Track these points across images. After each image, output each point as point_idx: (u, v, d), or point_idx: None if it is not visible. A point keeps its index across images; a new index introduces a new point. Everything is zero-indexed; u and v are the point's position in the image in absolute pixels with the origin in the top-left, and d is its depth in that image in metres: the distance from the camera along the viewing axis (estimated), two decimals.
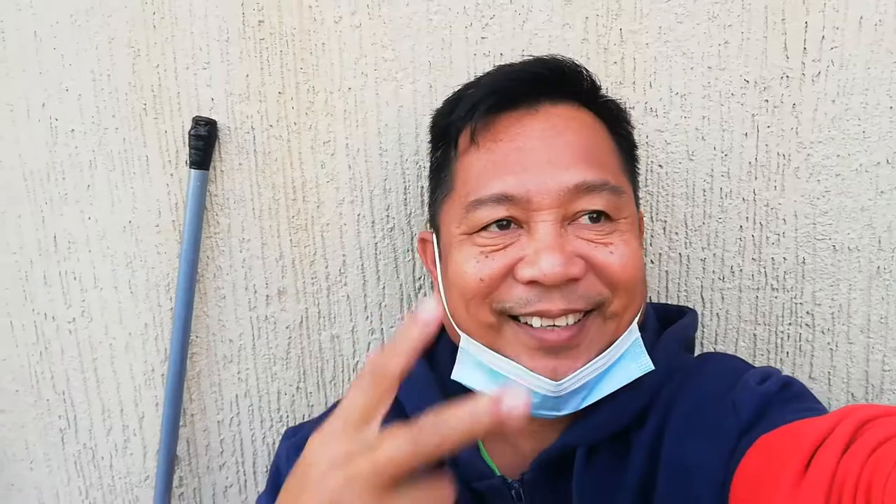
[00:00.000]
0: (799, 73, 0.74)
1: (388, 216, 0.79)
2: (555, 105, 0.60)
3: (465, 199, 0.58)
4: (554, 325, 0.56)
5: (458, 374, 0.60)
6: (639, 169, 0.67)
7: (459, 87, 0.64)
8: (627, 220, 0.58)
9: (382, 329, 0.81)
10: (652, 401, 0.59)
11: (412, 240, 0.79)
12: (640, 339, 0.59)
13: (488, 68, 0.74)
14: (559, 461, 0.59)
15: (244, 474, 0.83)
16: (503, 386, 0.56)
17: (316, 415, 0.81)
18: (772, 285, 0.78)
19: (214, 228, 0.79)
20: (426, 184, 0.76)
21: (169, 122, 0.77)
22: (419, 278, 0.80)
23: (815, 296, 0.78)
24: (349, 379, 0.82)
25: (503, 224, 0.57)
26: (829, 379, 0.80)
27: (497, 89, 0.58)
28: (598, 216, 0.57)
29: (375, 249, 0.79)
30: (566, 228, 0.56)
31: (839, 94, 0.74)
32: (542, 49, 0.74)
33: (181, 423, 0.80)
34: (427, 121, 0.76)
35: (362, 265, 0.80)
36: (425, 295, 0.80)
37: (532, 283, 0.55)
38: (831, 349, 0.79)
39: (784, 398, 0.55)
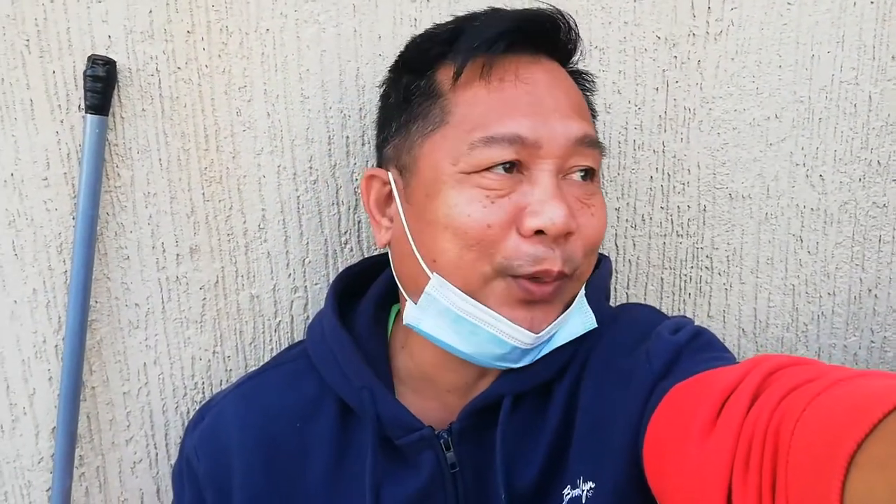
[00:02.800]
0: (704, 31, 0.79)
1: (311, 168, 0.75)
2: (550, 59, 0.60)
3: (469, 134, 0.55)
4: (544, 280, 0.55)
5: (415, 318, 0.59)
6: None
7: (452, 18, 0.61)
8: (598, 184, 0.61)
9: (306, 287, 0.78)
10: (574, 351, 0.61)
11: (337, 192, 0.76)
12: (585, 297, 0.61)
13: (413, 13, 0.73)
14: (485, 410, 0.60)
15: (155, 447, 0.77)
16: (467, 334, 0.57)
17: (234, 379, 0.77)
18: (677, 231, 0.84)
19: (115, 182, 0.71)
20: (372, 123, 0.74)
21: (58, 61, 0.68)
22: (345, 233, 0.77)
23: (714, 240, 0.85)
24: (270, 341, 0.78)
25: (507, 167, 0.55)
26: (724, 317, 0.88)
27: (513, 28, 0.56)
28: (586, 173, 0.58)
29: (298, 203, 0.76)
30: (560, 181, 0.56)
31: (737, 53, 0.80)
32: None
33: (81, 398, 0.72)
34: (352, 67, 0.73)
35: (283, 220, 0.76)
36: (351, 250, 0.78)
37: (536, 234, 0.54)
38: (726, 289, 0.87)
39: (694, 348, 0.57)
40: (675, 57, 0.79)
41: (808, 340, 0.90)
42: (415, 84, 0.60)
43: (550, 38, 0.59)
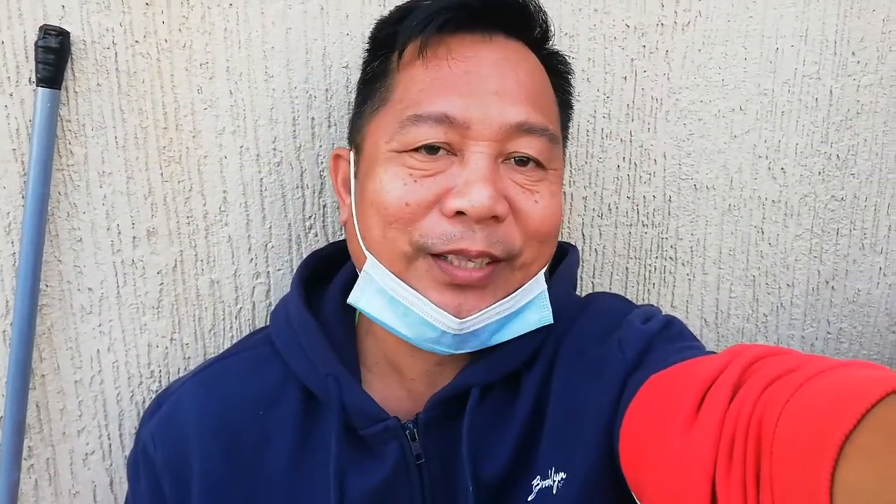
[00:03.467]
0: (672, 21, 0.79)
1: (274, 149, 0.73)
2: (508, 39, 0.58)
3: (402, 112, 0.55)
4: (468, 264, 0.54)
5: (356, 297, 0.58)
6: (570, 126, 0.68)
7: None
8: (556, 172, 0.59)
9: (269, 272, 0.76)
10: (543, 341, 0.61)
11: (301, 175, 0.74)
12: (547, 292, 0.59)
13: None
14: (452, 401, 0.59)
15: (108, 438, 0.74)
16: (401, 315, 0.56)
17: (192, 367, 0.74)
18: (643, 221, 0.84)
19: (67, 159, 0.68)
20: (338, 104, 0.72)
21: (7, 31, 0.65)
22: (309, 217, 0.76)
23: (678, 231, 0.86)
24: (231, 328, 0.76)
25: (433, 149, 0.54)
26: (687, 307, 0.89)
27: (456, 5, 0.55)
28: (527, 161, 0.56)
29: (261, 185, 0.73)
30: (499, 165, 0.55)
31: (704, 44, 0.80)
32: None
33: (30, 386, 0.69)
34: (318, 45, 0.72)
35: (246, 202, 0.73)
36: (315, 235, 0.76)
37: (457, 215, 0.53)
38: (689, 279, 0.88)
39: (666, 337, 0.57)
40: (644, 46, 0.79)
41: (768, 331, 0.92)
42: (371, 65, 0.60)
43: (507, 17, 0.58)
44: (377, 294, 0.57)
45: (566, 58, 0.65)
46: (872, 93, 0.85)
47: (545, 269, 0.60)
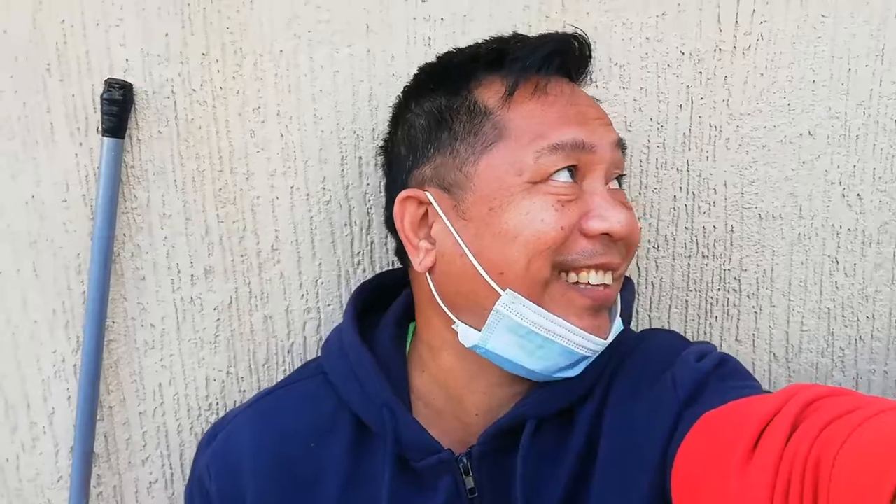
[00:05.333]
0: (731, 45, 0.76)
1: (324, 188, 0.75)
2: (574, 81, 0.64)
3: (533, 145, 0.56)
4: (605, 284, 0.58)
5: (482, 338, 0.57)
6: None
7: (477, 42, 0.63)
8: None
9: (319, 308, 0.77)
10: (598, 377, 0.61)
11: (350, 213, 0.76)
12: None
13: (427, 32, 0.72)
14: (507, 434, 0.59)
15: (170, 468, 0.78)
16: (535, 349, 0.56)
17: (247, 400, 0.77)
18: (702, 253, 0.81)
19: (131, 203, 0.72)
20: (383, 148, 0.73)
21: (77, 84, 0.69)
22: (357, 253, 0.77)
23: (742, 262, 0.81)
24: (283, 362, 0.78)
25: (570, 173, 0.57)
26: (754, 341, 0.84)
27: (560, 49, 0.60)
28: (621, 179, 0.62)
29: (311, 224, 0.75)
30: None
31: (767, 68, 0.76)
32: (484, 14, 0.72)
33: (98, 417, 0.73)
34: (365, 87, 0.73)
35: (297, 240, 0.75)
36: (364, 271, 0.77)
37: (600, 236, 0.56)
38: (755, 312, 0.83)
39: (720, 375, 0.57)
40: (700, 73, 0.76)
41: (846, 366, 0.86)
42: (451, 104, 0.60)
43: (580, 61, 0.63)
44: (509, 332, 0.57)
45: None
46: None
47: None
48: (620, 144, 0.60)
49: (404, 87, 0.66)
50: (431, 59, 0.65)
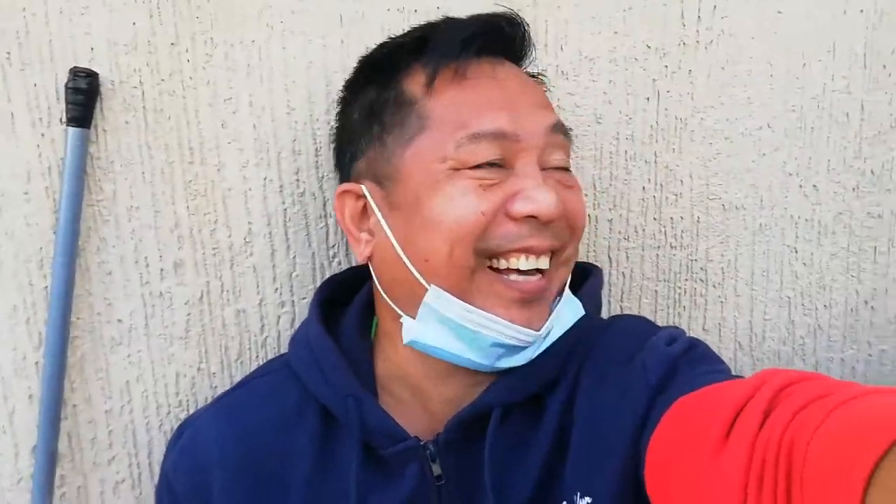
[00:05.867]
0: (694, 40, 0.78)
1: (297, 180, 0.74)
2: (512, 63, 0.63)
3: (454, 134, 0.56)
4: (537, 270, 0.57)
5: (416, 334, 0.58)
6: None
7: (408, 30, 0.63)
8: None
9: (293, 301, 0.76)
10: (565, 362, 0.60)
11: (325, 205, 0.75)
12: (568, 285, 0.62)
13: (402, 24, 0.72)
14: (473, 422, 0.59)
15: (138, 467, 0.75)
16: (471, 341, 0.56)
17: None
18: (671, 243, 0.83)
19: (97, 195, 0.70)
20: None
21: (39, 74, 0.67)
22: (333, 246, 0.76)
23: (708, 252, 0.84)
24: (257, 357, 0.77)
25: (494, 164, 0.56)
26: (720, 330, 0.86)
27: (479, 32, 0.58)
28: (562, 167, 0.60)
29: (285, 216, 0.74)
30: (542, 171, 0.58)
31: (728, 62, 0.79)
32: (457, 4, 0.73)
33: (62, 416, 0.71)
34: (339, 78, 0.72)
35: (270, 233, 0.74)
36: (339, 263, 0.77)
37: (526, 219, 0.55)
38: (721, 302, 0.85)
39: (690, 359, 0.57)
40: (666, 66, 0.78)
41: (805, 354, 0.89)
42: (381, 97, 0.60)
43: (510, 41, 0.62)
44: (440, 324, 0.57)
45: (543, 74, 0.69)
46: None
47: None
48: (558, 128, 0.59)
49: (346, 80, 0.67)
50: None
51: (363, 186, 0.61)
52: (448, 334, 0.57)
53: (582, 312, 0.61)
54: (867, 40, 0.80)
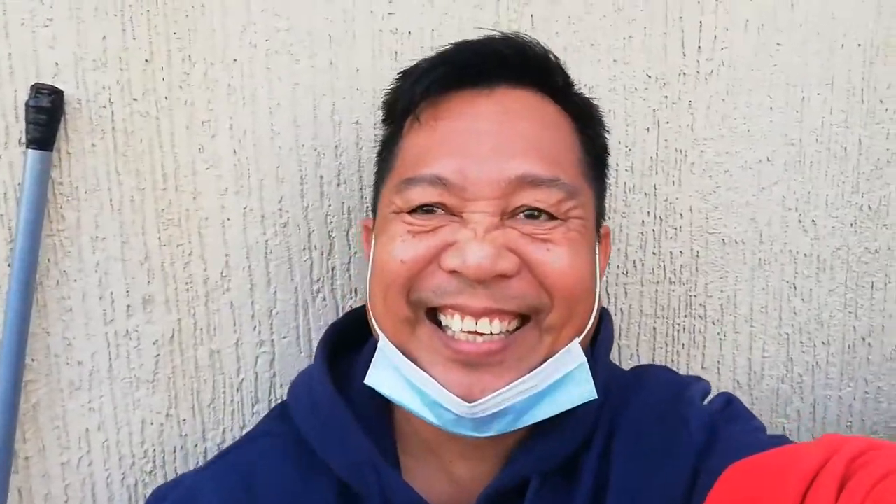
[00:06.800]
0: (694, 70, 0.76)
1: (280, 209, 0.69)
2: (513, 88, 0.54)
3: (400, 177, 0.53)
4: (476, 333, 0.49)
5: (373, 378, 0.53)
6: (608, 177, 0.63)
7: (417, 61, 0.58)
8: (580, 223, 0.53)
9: (273, 341, 0.70)
10: (597, 419, 0.55)
11: (309, 236, 0.70)
12: (587, 365, 0.52)
13: (394, 46, 0.68)
14: (508, 493, 0.53)
15: None
16: (419, 395, 0.50)
17: (189, 445, 0.68)
18: (669, 279, 0.80)
19: (58, 224, 0.64)
20: (348, 161, 0.69)
21: None
22: (317, 280, 0.71)
23: (707, 288, 0.81)
24: (231, 401, 0.70)
25: (432, 210, 0.51)
26: (719, 368, 0.83)
27: (448, 61, 0.53)
28: (538, 214, 0.51)
29: (266, 248, 0.69)
30: (504, 221, 0.51)
31: (728, 93, 0.77)
32: (453, 29, 0.69)
33: (12, 470, 0.63)
34: (327, 101, 0.68)
35: (249, 266, 0.69)
36: (324, 300, 0.71)
37: (455, 273, 0.49)
38: (720, 339, 0.82)
39: (729, 417, 0.54)
40: (666, 97, 0.76)
41: (804, 392, 0.86)
42: (385, 134, 0.59)
43: (512, 67, 0.54)
44: (393, 372, 0.52)
45: (591, 101, 0.61)
46: None
47: (581, 339, 0.53)
48: (526, 179, 0.50)
49: None
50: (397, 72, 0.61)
51: (373, 221, 0.59)
52: (401, 384, 0.52)
53: (594, 396, 0.52)
54: (864, 74, 0.79)
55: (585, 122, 0.59)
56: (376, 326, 0.54)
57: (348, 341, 0.61)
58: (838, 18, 0.78)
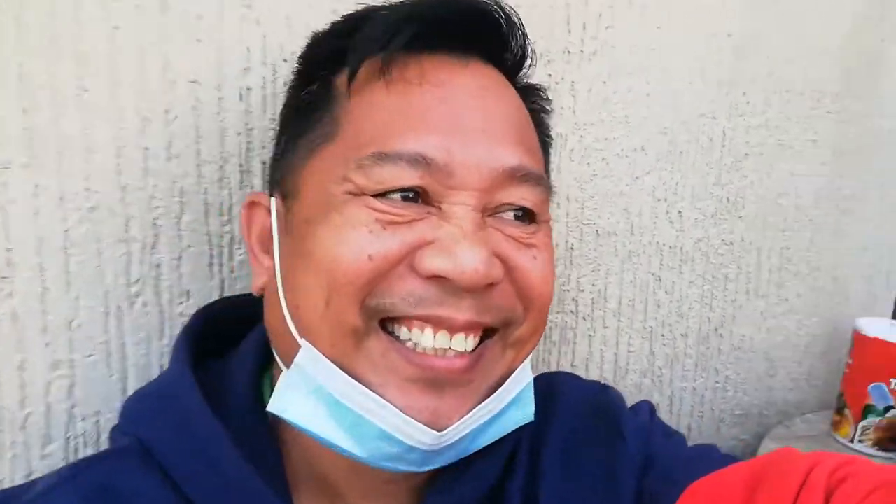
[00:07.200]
0: (578, 49, 0.70)
1: (87, 189, 0.52)
2: (486, 65, 0.45)
3: (363, 149, 0.40)
4: (448, 348, 0.40)
5: (281, 403, 0.41)
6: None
7: (364, 7, 0.45)
8: (548, 225, 0.46)
9: (73, 361, 0.53)
10: (518, 439, 0.49)
11: (127, 224, 0.54)
12: (532, 384, 0.46)
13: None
14: None
15: None
16: (350, 427, 0.39)
17: None
18: None
19: None
20: (181, 129, 0.53)
21: None
22: (136, 281, 0.55)
23: (580, 282, 0.77)
24: (12, 444, 0.52)
25: (408, 196, 0.40)
26: (587, 365, 0.80)
27: (427, 16, 0.41)
28: (523, 214, 0.43)
29: (65, 239, 0.52)
30: (485, 219, 0.42)
31: (609, 76, 0.72)
32: None
33: None
34: (156, 52, 0.52)
35: (41, 264, 0.51)
36: (145, 306, 0.56)
37: (435, 279, 0.39)
38: (590, 335, 0.79)
39: (658, 430, 0.52)
40: (550, 75, 0.69)
41: (663, 385, 0.86)
42: (305, 90, 0.46)
43: (482, 35, 0.44)
44: (313, 397, 0.40)
45: (543, 89, 0.52)
46: (760, 135, 0.83)
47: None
48: (523, 175, 0.42)
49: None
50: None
51: (273, 199, 0.46)
52: (322, 412, 0.41)
53: (530, 419, 0.47)
54: (732, 67, 0.79)
55: (540, 110, 0.51)
56: (297, 335, 0.42)
57: (220, 338, 0.49)
58: (713, 8, 0.76)
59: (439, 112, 0.41)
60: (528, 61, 0.48)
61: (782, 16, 0.80)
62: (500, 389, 0.43)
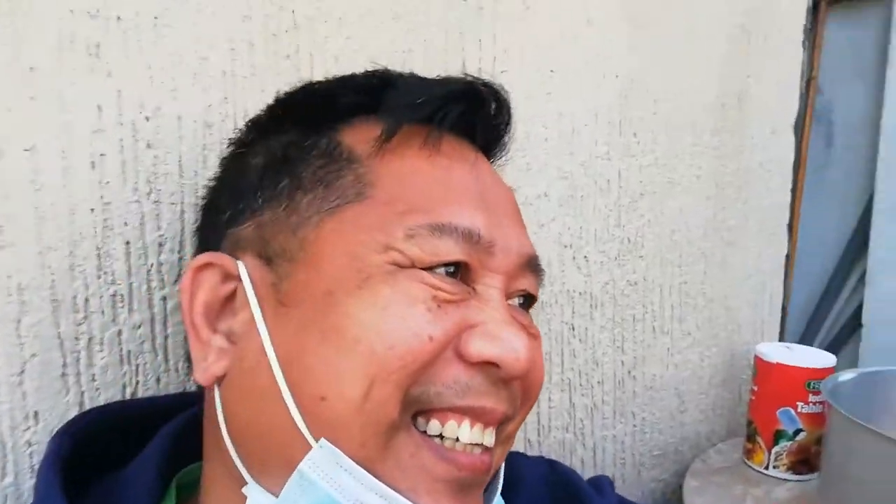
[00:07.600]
0: None
1: None
2: (477, 151, 0.44)
3: (408, 217, 0.37)
4: (484, 447, 0.38)
5: None
6: None
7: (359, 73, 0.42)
8: None
9: None
10: None
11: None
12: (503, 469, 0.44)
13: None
14: None
15: None
16: None
17: None
18: None
19: None
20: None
21: None
22: (24, 336, 0.42)
23: None
24: None
25: (450, 272, 0.37)
26: None
27: (468, 99, 0.41)
28: (526, 300, 0.43)
29: None
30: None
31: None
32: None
33: None
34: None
35: None
36: (21, 384, 0.43)
37: (483, 366, 0.36)
38: None
39: None
40: None
41: (585, 437, 0.82)
42: (303, 142, 0.40)
43: (489, 121, 0.44)
44: None
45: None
46: (651, 173, 0.83)
47: None
48: (535, 266, 0.42)
49: (249, 120, 0.45)
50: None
51: (240, 263, 0.39)
52: None
53: None
54: (621, 107, 0.78)
55: None
56: (308, 433, 0.35)
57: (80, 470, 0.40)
58: (600, 50, 0.75)
59: (477, 191, 0.39)
60: (506, 153, 0.48)
61: (660, 55, 0.81)
62: (493, 486, 0.42)
